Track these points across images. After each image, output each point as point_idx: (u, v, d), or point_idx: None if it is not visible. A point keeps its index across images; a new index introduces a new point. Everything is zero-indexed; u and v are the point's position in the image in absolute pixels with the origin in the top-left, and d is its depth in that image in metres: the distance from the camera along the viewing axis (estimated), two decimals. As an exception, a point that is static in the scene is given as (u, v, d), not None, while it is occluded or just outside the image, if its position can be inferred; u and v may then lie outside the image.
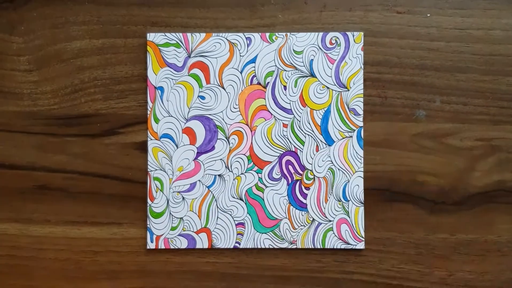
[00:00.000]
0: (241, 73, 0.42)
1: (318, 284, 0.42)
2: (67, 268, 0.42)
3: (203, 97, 0.42)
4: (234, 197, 0.41)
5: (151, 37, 0.42)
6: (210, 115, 0.42)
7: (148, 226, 0.41)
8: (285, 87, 0.42)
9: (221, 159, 0.42)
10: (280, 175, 0.42)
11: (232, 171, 0.42)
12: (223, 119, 0.42)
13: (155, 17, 0.42)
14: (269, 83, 0.42)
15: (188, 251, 0.42)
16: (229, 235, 0.41)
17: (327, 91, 0.41)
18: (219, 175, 0.42)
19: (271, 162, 0.42)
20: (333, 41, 0.41)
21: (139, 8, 0.42)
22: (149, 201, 0.41)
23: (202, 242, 0.41)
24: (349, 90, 0.41)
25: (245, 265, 0.42)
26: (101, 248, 0.42)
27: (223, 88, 0.42)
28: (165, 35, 0.42)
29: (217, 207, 0.41)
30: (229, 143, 0.42)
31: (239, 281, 0.41)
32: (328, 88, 0.41)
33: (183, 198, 0.41)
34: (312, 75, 0.42)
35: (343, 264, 0.42)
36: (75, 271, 0.42)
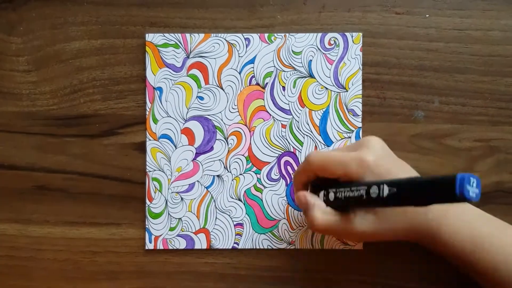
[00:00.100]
0: (240, 73, 0.42)
1: (317, 284, 0.41)
2: (66, 268, 0.42)
3: (201, 98, 0.42)
4: (232, 198, 0.41)
5: (149, 37, 0.41)
6: (208, 115, 0.42)
7: (146, 226, 0.41)
8: (283, 88, 0.42)
9: (219, 160, 0.42)
10: (278, 175, 0.42)
11: (230, 172, 0.41)
12: (222, 120, 0.42)
13: (154, 17, 0.42)
14: (267, 83, 0.42)
15: (186, 251, 0.42)
16: (227, 235, 0.41)
17: (326, 91, 0.41)
18: (218, 176, 0.42)
19: (270, 162, 0.42)
20: (332, 42, 0.41)
21: (138, 8, 0.42)
22: (147, 201, 0.41)
23: (200, 242, 0.41)
24: (347, 90, 0.41)
25: (243, 266, 0.42)
26: (100, 248, 0.42)
27: (222, 88, 0.42)
28: (164, 36, 0.41)
29: (216, 207, 0.41)
30: (227, 143, 0.42)
31: (237, 282, 0.41)
32: (326, 88, 0.41)
33: (182, 198, 0.41)
34: (310, 75, 0.41)
35: (342, 264, 0.41)
36: (74, 272, 0.42)
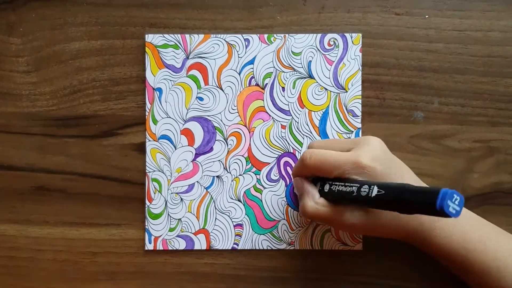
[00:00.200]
0: (240, 74, 0.42)
1: (316, 285, 0.42)
2: (65, 269, 0.42)
3: (201, 98, 0.42)
4: (232, 199, 0.41)
5: (149, 38, 0.41)
6: (208, 116, 0.42)
7: (146, 227, 0.41)
8: (283, 89, 0.42)
9: (219, 161, 0.42)
10: (278, 176, 0.42)
11: (230, 173, 0.42)
12: (222, 121, 0.42)
13: (154, 18, 0.42)
14: (267, 84, 0.42)
15: (186, 252, 0.42)
16: (227, 236, 0.41)
17: (325, 92, 0.41)
18: (217, 177, 0.42)
19: (270, 163, 0.42)
20: (332, 43, 0.41)
21: (138, 9, 0.42)
22: (147, 202, 0.41)
23: (200, 243, 0.41)
24: (347, 91, 0.41)
25: (243, 266, 0.42)
26: (100, 249, 0.42)
27: (222, 89, 0.42)
28: (164, 36, 0.41)
29: (215, 208, 0.41)
30: (227, 144, 0.42)
31: (237, 282, 0.41)
32: (326, 89, 0.41)
33: (181, 199, 0.41)
34: (310, 76, 0.41)
35: (342, 265, 0.42)
36: (74, 272, 0.42)
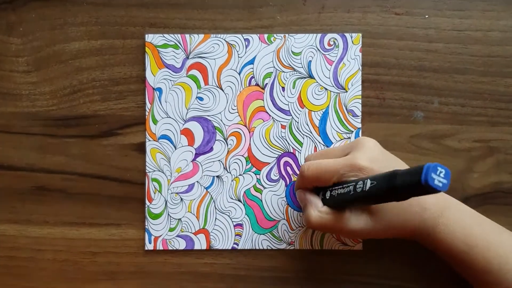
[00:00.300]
0: (240, 74, 0.42)
1: (316, 285, 0.42)
2: (65, 269, 0.42)
3: (201, 98, 0.42)
4: (232, 198, 0.41)
5: (149, 38, 0.41)
6: (208, 116, 0.42)
7: (146, 227, 0.41)
8: (283, 88, 0.42)
9: (219, 160, 0.42)
10: (278, 176, 0.42)
11: (230, 172, 0.42)
12: (221, 120, 0.42)
13: (154, 18, 0.42)
14: (267, 84, 0.42)
15: (186, 252, 0.42)
16: (227, 236, 0.41)
17: (325, 92, 0.41)
18: (217, 176, 0.42)
19: (270, 163, 0.42)
20: (331, 43, 0.41)
21: (138, 9, 0.42)
22: (147, 202, 0.41)
23: (200, 243, 0.41)
24: (347, 91, 0.41)
25: (243, 266, 0.42)
26: (100, 249, 0.42)
27: (222, 89, 0.42)
28: (164, 36, 0.41)
29: (215, 208, 0.41)
30: (227, 144, 0.42)
31: (237, 282, 0.41)
32: (326, 89, 0.41)
33: (181, 199, 0.41)
34: (310, 76, 0.41)
35: (342, 265, 0.42)
36: (74, 272, 0.42)
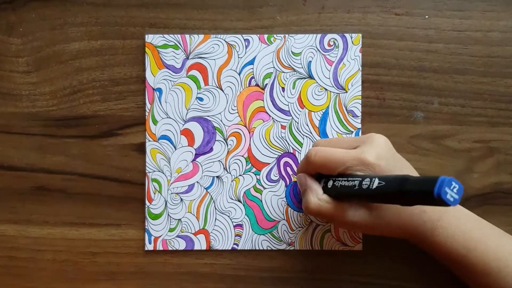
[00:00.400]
0: (240, 74, 0.42)
1: (316, 285, 0.42)
2: (65, 269, 0.42)
3: (201, 99, 0.42)
4: (232, 199, 0.41)
5: (149, 38, 0.41)
6: (208, 116, 0.42)
7: (146, 227, 0.41)
8: (283, 89, 0.42)
9: (219, 161, 0.42)
10: (278, 176, 0.42)
11: (230, 173, 0.42)
12: (221, 121, 0.42)
13: (154, 18, 0.42)
14: (267, 84, 0.42)
15: (186, 252, 0.42)
16: (227, 236, 0.41)
17: (325, 92, 0.41)
18: (217, 177, 0.42)
19: (270, 163, 0.42)
20: (331, 43, 0.41)
21: (138, 9, 0.42)
22: (147, 202, 0.41)
23: (200, 243, 0.41)
24: (347, 91, 0.41)
25: (243, 267, 0.42)
26: (100, 249, 0.42)
27: (222, 89, 0.42)
28: (164, 37, 0.41)
29: (215, 208, 0.41)
30: (227, 144, 0.42)
31: (237, 283, 0.41)
32: (326, 89, 0.41)
33: (181, 199, 0.41)
34: (310, 76, 0.41)
35: (342, 265, 0.42)
36: (74, 272, 0.42)
